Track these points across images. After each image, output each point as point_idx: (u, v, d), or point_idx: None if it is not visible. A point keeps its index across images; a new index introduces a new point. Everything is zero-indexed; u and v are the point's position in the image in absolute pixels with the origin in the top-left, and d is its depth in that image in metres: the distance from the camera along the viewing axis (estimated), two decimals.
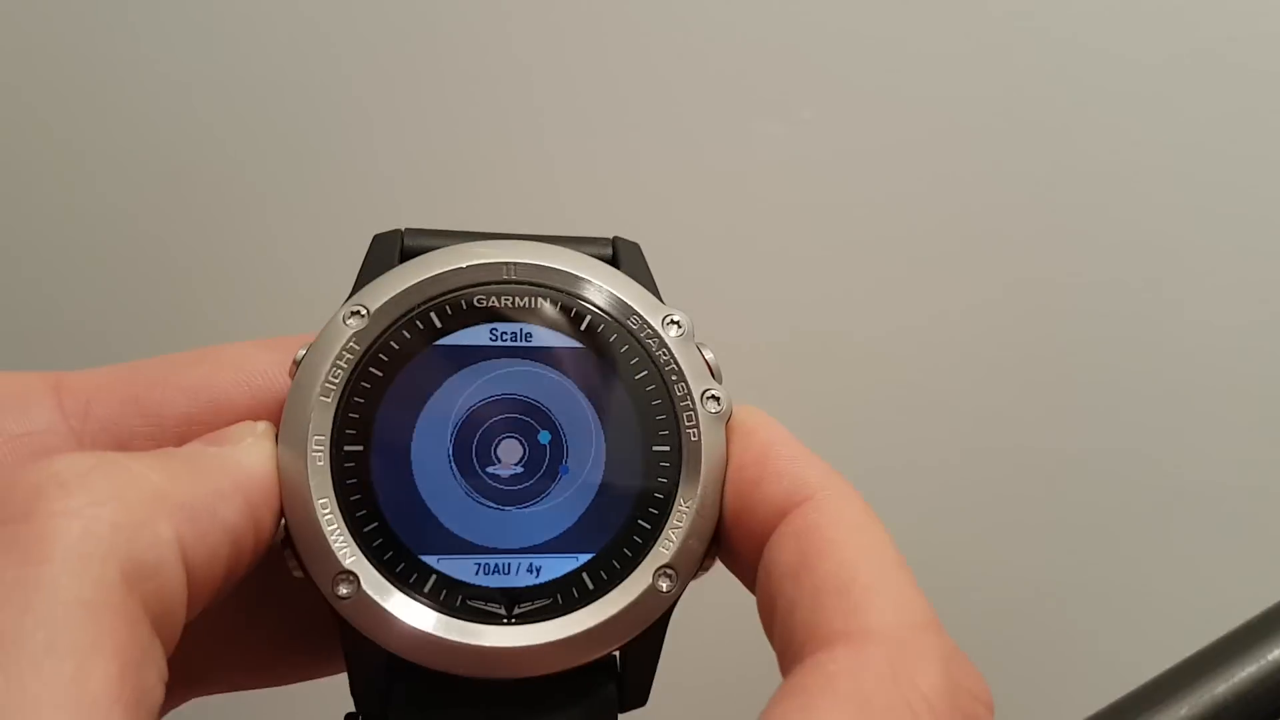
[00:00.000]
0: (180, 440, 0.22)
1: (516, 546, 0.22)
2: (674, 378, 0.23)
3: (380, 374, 0.22)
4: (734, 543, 0.22)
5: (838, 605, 0.19)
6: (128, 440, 0.21)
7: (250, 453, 0.21)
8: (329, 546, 0.21)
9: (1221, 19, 0.55)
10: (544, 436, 0.22)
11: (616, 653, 0.22)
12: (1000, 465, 0.59)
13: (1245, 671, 0.30)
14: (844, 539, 0.20)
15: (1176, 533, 0.59)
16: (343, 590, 0.21)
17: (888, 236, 0.57)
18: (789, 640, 0.20)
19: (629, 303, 0.23)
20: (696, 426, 0.22)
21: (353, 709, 0.22)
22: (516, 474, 0.22)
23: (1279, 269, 0.58)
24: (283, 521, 0.21)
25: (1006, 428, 0.59)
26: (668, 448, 0.22)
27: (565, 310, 0.23)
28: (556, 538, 0.22)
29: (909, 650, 0.18)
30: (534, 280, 0.23)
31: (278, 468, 0.21)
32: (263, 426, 0.21)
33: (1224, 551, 0.58)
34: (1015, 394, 0.59)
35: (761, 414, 0.23)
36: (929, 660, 0.18)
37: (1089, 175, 0.57)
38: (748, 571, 0.22)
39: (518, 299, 0.23)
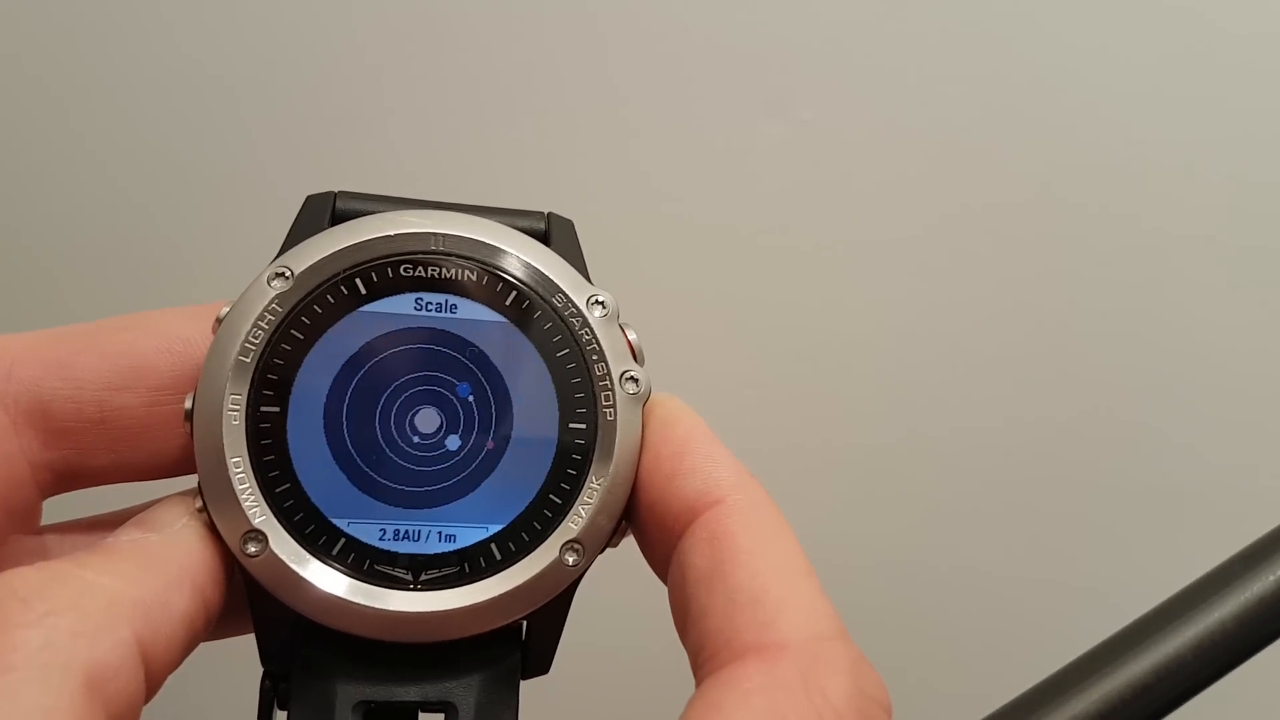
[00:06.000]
0: (99, 404, 0.22)
1: (428, 514, 0.22)
2: (594, 357, 0.23)
3: (301, 337, 0.22)
4: (647, 533, 0.23)
5: (750, 617, 0.19)
6: (49, 401, 0.22)
7: (188, 535, 0.21)
8: (239, 505, 0.21)
9: (1222, 18, 0.56)
10: (461, 408, 0.23)
11: (523, 622, 0.23)
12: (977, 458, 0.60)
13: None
14: (756, 547, 0.20)
15: (1170, 531, 0.61)
16: (251, 549, 0.21)
17: (886, 236, 0.58)
18: (700, 646, 0.20)
19: (555, 280, 0.23)
20: (613, 406, 0.23)
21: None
22: (432, 443, 0.22)
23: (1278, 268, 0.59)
24: (198, 480, 0.22)
25: (999, 427, 0.60)
26: (583, 425, 0.23)
27: (490, 284, 0.23)
28: (468, 507, 0.22)
29: (820, 663, 0.19)
30: (461, 253, 0.23)
31: (209, 537, 0.21)
32: (193, 505, 0.22)
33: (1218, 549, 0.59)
34: (1013, 395, 0.60)
35: (684, 406, 0.23)
36: (838, 671, 0.19)
37: (1088, 176, 0.57)
38: (660, 562, 0.23)
39: (444, 270, 0.23)
